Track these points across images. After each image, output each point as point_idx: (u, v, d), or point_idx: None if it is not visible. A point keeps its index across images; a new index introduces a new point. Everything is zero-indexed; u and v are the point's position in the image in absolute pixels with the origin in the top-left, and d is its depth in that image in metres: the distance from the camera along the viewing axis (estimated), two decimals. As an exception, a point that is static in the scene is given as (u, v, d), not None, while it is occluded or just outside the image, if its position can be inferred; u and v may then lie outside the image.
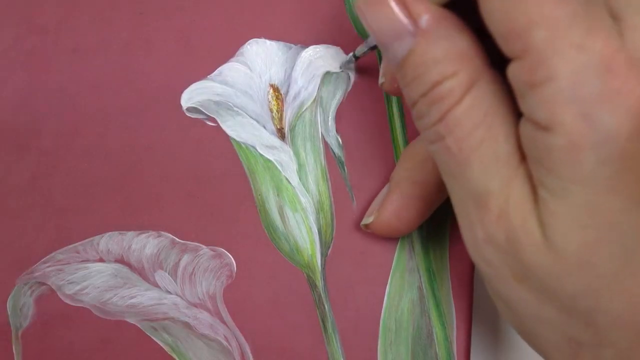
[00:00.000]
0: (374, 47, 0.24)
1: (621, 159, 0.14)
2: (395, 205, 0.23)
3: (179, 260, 0.25)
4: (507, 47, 0.15)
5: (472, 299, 0.25)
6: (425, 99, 0.17)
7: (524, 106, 0.15)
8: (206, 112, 0.27)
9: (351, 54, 0.26)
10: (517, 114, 0.17)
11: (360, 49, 0.25)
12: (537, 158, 0.15)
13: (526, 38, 0.14)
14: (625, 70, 0.14)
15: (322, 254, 0.25)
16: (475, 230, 0.17)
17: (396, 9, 0.17)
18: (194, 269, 0.25)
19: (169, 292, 0.25)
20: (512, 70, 0.15)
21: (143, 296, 0.25)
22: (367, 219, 0.24)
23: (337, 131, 0.27)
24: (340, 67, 0.27)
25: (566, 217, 0.15)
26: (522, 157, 0.16)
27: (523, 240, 0.16)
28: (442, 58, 0.17)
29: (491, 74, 0.17)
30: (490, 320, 0.25)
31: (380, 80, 0.24)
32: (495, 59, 0.17)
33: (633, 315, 0.15)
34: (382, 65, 0.25)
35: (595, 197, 0.14)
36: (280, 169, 0.26)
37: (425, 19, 0.17)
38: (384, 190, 0.24)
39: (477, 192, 0.17)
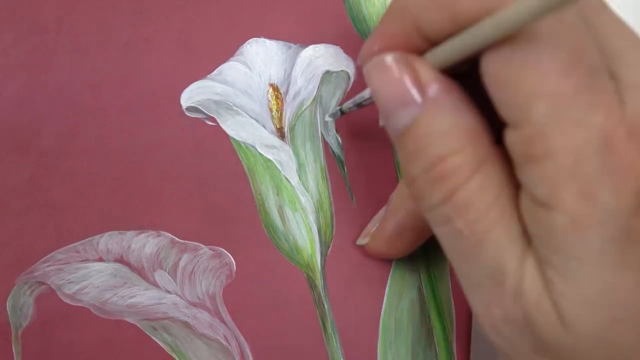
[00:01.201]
0: (361, 105, 0.23)
1: (626, 235, 0.14)
2: (389, 233, 0.23)
3: (179, 259, 0.25)
4: (506, 113, 0.15)
5: (472, 298, 0.25)
6: (428, 175, 0.16)
7: (522, 177, 0.15)
8: (206, 112, 0.27)
9: (338, 107, 0.25)
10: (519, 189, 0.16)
11: (347, 105, 0.24)
12: (540, 237, 0.15)
13: (528, 110, 0.14)
14: (624, 144, 0.14)
15: (321, 254, 0.25)
16: (492, 309, 0.16)
17: (406, 76, 0.17)
18: (193, 269, 0.25)
19: (169, 292, 0.25)
20: (510, 138, 0.15)
21: (143, 296, 0.25)
22: (362, 241, 0.24)
23: (336, 131, 0.27)
24: (328, 118, 0.26)
25: (577, 297, 0.14)
26: (530, 235, 0.16)
27: (539, 320, 0.15)
28: (448, 132, 0.16)
29: (498, 151, 0.16)
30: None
31: (382, 122, 0.24)
32: (493, 130, 0.17)
33: None
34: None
35: (604, 276, 0.14)
36: (280, 169, 0.26)
37: (434, 88, 0.16)
38: (381, 212, 0.24)
39: (492, 273, 0.16)
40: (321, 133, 0.26)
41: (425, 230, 0.23)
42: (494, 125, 0.17)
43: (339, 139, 0.26)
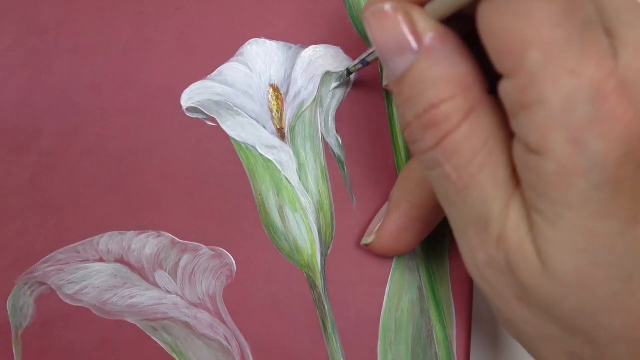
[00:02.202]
0: (367, 63, 0.24)
1: (612, 183, 0.14)
2: (393, 228, 0.23)
3: (179, 260, 0.25)
4: (500, 63, 0.15)
5: (472, 299, 0.25)
6: (420, 120, 0.17)
7: (515, 126, 0.15)
8: (206, 112, 0.27)
9: (345, 68, 0.26)
10: (512, 137, 0.17)
11: (354, 64, 0.25)
12: (529, 182, 0.15)
13: (520, 58, 0.14)
14: (615, 94, 0.14)
15: (322, 254, 0.25)
16: (476, 253, 0.17)
17: (402, 23, 0.17)
18: (193, 269, 0.25)
19: (169, 292, 0.25)
20: (504, 88, 0.15)
21: (143, 296, 0.25)
22: (367, 239, 0.24)
23: (337, 131, 0.27)
24: (337, 80, 0.27)
25: (561, 242, 0.15)
26: (518, 180, 0.16)
27: (521, 263, 0.16)
28: (441, 79, 0.16)
29: (489, 100, 0.17)
30: (490, 320, 0.25)
31: (385, 82, 0.24)
32: (491, 80, 0.17)
33: (634, 332, 0.15)
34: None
35: (589, 222, 0.14)
36: (280, 169, 0.26)
37: (430, 36, 0.17)
38: (383, 209, 0.24)
39: (477, 217, 0.17)
40: (321, 133, 0.26)
41: (430, 221, 0.23)
42: (490, 77, 0.17)
43: (339, 139, 0.26)
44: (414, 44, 0.17)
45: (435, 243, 0.25)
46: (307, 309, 0.25)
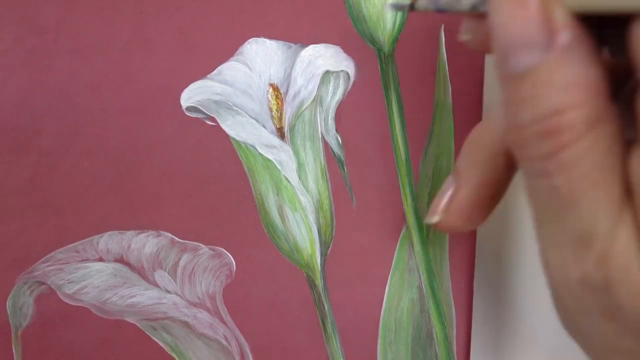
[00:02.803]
0: (448, 10, 0.20)
1: None
2: (464, 206, 0.21)
3: (179, 259, 0.25)
4: None
5: (472, 299, 0.25)
6: (538, 126, 0.15)
7: None
8: (206, 112, 0.27)
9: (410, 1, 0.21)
10: (626, 152, 0.16)
11: (424, 4, 0.20)
12: None
13: None
14: None
15: (321, 254, 0.25)
16: (569, 269, 0.16)
17: (536, 14, 0.15)
18: (193, 269, 0.25)
19: (169, 292, 0.25)
20: None
21: (142, 295, 0.25)
22: (432, 218, 0.22)
23: (336, 130, 0.26)
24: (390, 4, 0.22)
25: None
26: (629, 196, 0.15)
27: (624, 284, 0.15)
28: (572, 84, 0.15)
29: (611, 109, 0.16)
30: (490, 320, 0.25)
31: (464, 36, 0.21)
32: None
33: None
34: (466, 21, 0.21)
35: None
36: (280, 169, 0.26)
37: (565, 35, 0.15)
38: (448, 183, 0.22)
39: (579, 234, 0.15)
40: (321, 133, 0.26)
41: (500, 198, 0.22)
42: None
43: (339, 139, 0.26)
44: (546, 40, 0.15)
45: (435, 243, 0.25)
46: (307, 308, 0.25)
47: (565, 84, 0.15)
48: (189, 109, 0.27)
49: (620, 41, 0.15)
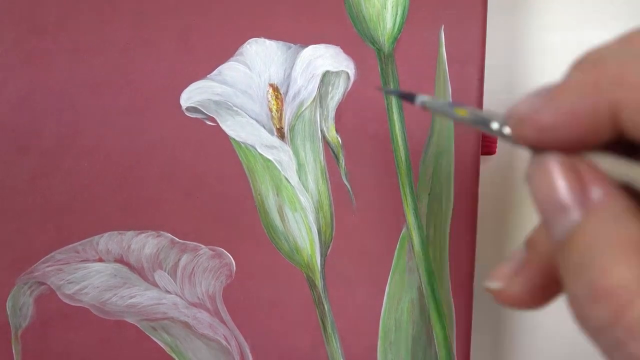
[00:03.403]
0: (470, 123, 0.19)
1: None
2: (531, 281, 0.19)
3: (179, 260, 0.25)
4: None
5: (472, 299, 0.25)
6: (590, 292, 0.14)
7: None
8: (206, 112, 0.27)
9: (425, 99, 0.20)
10: None
11: (446, 108, 0.19)
12: None
13: None
14: None
15: (321, 254, 0.25)
16: None
17: (560, 177, 0.15)
18: (193, 269, 0.25)
19: (169, 292, 0.25)
20: None
21: (142, 296, 0.25)
22: (493, 284, 0.20)
23: (336, 131, 0.26)
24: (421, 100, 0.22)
25: None
26: None
27: None
28: (613, 242, 0.14)
29: None
30: (490, 320, 0.25)
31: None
32: None
33: None
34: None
35: None
36: (280, 169, 0.26)
37: (598, 192, 0.15)
38: (518, 254, 0.20)
39: None
40: (321, 133, 0.26)
41: None
42: None
43: (339, 139, 0.26)
44: (577, 204, 0.15)
45: (435, 243, 0.25)
46: (307, 309, 0.25)
47: (607, 243, 0.14)
48: (188, 109, 0.27)
49: None
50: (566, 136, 0.15)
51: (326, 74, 0.27)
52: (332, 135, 0.26)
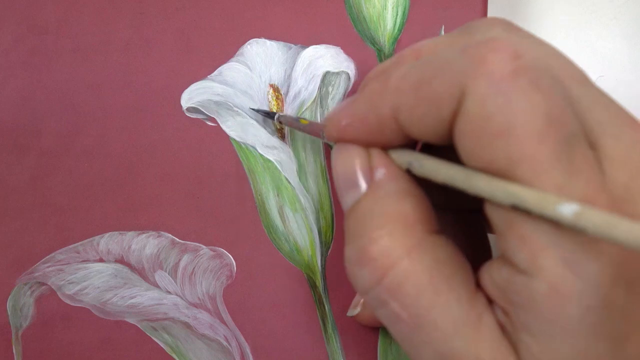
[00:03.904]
0: (298, 128, 0.24)
1: (605, 305, 0.14)
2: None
3: (179, 260, 0.25)
4: None
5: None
6: (358, 255, 0.17)
7: (503, 246, 0.15)
8: (206, 112, 0.27)
9: (279, 115, 0.25)
10: (467, 270, 0.16)
11: (287, 118, 0.24)
12: (517, 303, 0.15)
13: (509, 174, 0.14)
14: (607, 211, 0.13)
15: (322, 254, 0.25)
16: None
17: (356, 157, 0.18)
18: (194, 269, 0.25)
19: (169, 292, 0.25)
20: (489, 208, 0.15)
21: (143, 296, 0.25)
22: (352, 311, 0.24)
23: (337, 131, 0.26)
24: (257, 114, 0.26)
25: None
26: (482, 309, 0.16)
27: None
28: (383, 215, 0.16)
29: (435, 239, 0.17)
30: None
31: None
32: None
33: None
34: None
35: (581, 343, 0.14)
36: (280, 169, 0.26)
37: (380, 172, 0.17)
38: None
39: (441, 355, 0.16)
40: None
41: None
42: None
43: (339, 139, 0.26)
44: (363, 179, 0.17)
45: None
46: (307, 309, 0.25)
47: (378, 215, 0.16)
48: (189, 109, 0.27)
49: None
50: (360, 135, 0.18)
51: (327, 75, 0.27)
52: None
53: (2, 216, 0.26)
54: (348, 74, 0.27)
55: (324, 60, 0.27)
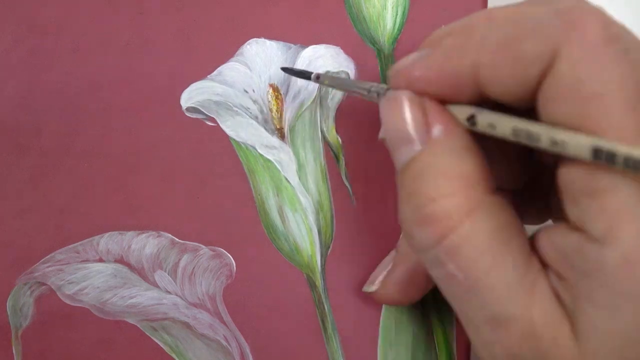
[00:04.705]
0: (346, 90, 0.23)
1: None
2: (400, 280, 0.23)
3: (179, 260, 0.25)
4: None
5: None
6: (417, 215, 0.16)
7: (576, 213, 0.15)
8: (206, 112, 0.27)
9: (319, 73, 0.24)
10: (523, 233, 0.16)
11: (332, 80, 0.23)
12: (583, 271, 0.15)
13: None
14: None
15: (321, 254, 0.25)
16: (494, 349, 0.16)
17: (409, 112, 0.17)
18: (193, 269, 0.25)
19: (169, 292, 0.25)
20: (566, 173, 0.15)
21: (143, 296, 0.25)
22: (370, 287, 0.24)
23: (337, 131, 0.26)
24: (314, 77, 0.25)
25: (612, 332, 0.14)
26: (537, 274, 0.16)
27: (556, 355, 0.15)
28: (443, 174, 0.16)
29: (494, 199, 0.16)
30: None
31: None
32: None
33: None
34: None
35: None
36: (280, 169, 0.26)
37: (438, 128, 0.16)
38: (389, 258, 0.24)
39: (493, 317, 0.16)
40: (321, 133, 0.26)
41: None
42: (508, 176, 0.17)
43: (339, 139, 0.26)
44: (419, 136, 0.17)
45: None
46: (307, 309, 0.25)
47: (437, 174, 0.16)
48: (189, 109, 0.27)
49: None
50: (432, 88, 0.17)
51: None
52: (333, 135, 0.26)
53: (2, 216, 0.26)
54: (348, 73, 0.27)
55: (324, 60, 0.27)
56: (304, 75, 0.24)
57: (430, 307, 0.25)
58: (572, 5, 0.15)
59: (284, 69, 0.26)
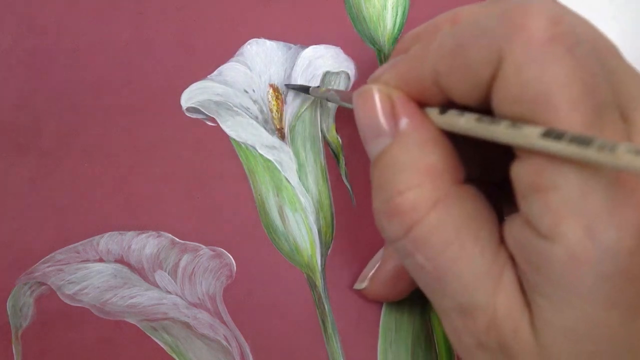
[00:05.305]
0: (327, 99, 0.24)
1: (621, 274, 0.14)
2: (388, 276, 0.23)
3: (179, 260, 0.25)
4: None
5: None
6: (386, 207, 0.17)
7: (525, 209, 0.15)
8: (206, 112, 0.27)
9: (311, 87, 0.25)
10: (493, 223, 0.17)
11: (317, 92, 0.24)
12: (535, 265, 0.15)
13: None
14: (632, 183, 0.14)
15: (322, 254, 0.25)
16: (463, 336, 0.17)
17: (379, 106, 0.17)
18: (193, 269, 0.25)
19: (169, 292, 0.25)
20: (517, 169, 0.15)
21: (143, 296, 0.25)
22: (360, 285, 0.24)
23: (337, 131, 0.27)
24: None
25: (563, 326, 0.15)
26: (504, 264, 0.16)
27: (516, 347, 0.15)
28: (409, 166, 0.16)
29: (462, 190, 0.17)
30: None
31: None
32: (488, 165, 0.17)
33: None
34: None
35: (594, 311, 0.14)
36: (280, 169, 0.26)
37: (405, 122, 0.17)
38: (378, 255, 0.24)
39: (460, 305, 0.16)
40: (321, 133, 0.26)
41: None
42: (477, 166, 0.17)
43: (339, 139, 0.26)
44: (387, 127, 0.17)
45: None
46: (307, 309, 0.25)
47: (404, 166, 0.16)
48: (189, 109, 0.27)
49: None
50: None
51: (326, 75, 0.27)
52: (333, 135, 0.26)
53: (2, 216, 0.26)
54: (348, 73, 0.27)
55: (324, 60, 0.27)
56: (305, 89, 0.26)
57: (430, 307, 0.25)
58: (518, 3, 0.15)
59: (288, 86, 0.26)
